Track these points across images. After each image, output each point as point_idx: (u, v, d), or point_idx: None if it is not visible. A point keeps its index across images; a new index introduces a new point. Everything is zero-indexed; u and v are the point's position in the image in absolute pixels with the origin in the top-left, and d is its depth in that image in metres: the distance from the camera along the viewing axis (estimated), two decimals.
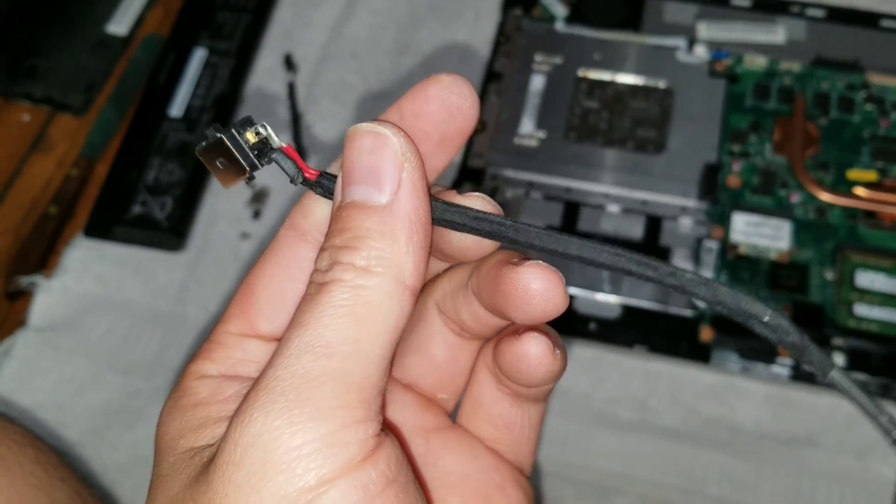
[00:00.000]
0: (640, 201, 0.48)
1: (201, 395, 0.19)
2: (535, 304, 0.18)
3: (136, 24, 0.57)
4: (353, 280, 0.17)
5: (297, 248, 0.20)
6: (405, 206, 0.17)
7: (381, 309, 0.17)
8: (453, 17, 0.56)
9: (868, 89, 0.49)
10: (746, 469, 0.42)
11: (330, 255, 0.17)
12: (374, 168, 0.18)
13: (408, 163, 0.18)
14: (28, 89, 0.55)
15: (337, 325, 0.17)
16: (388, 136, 0.18)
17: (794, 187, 0.47)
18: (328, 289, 0.17)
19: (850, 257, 0.44)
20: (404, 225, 0.17)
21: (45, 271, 0.48)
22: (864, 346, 0.43)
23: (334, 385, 0.16)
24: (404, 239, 0.17)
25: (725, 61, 0.51)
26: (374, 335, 0.17)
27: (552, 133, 0.50)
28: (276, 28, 0.57)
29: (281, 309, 0.20)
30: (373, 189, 0.18)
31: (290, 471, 0.15)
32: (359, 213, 0.17)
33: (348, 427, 0.16)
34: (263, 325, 0.20)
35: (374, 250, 0.17)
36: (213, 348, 0.20)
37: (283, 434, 0.16)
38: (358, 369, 0.17)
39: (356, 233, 0.17)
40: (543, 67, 0.52)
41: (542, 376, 0.20)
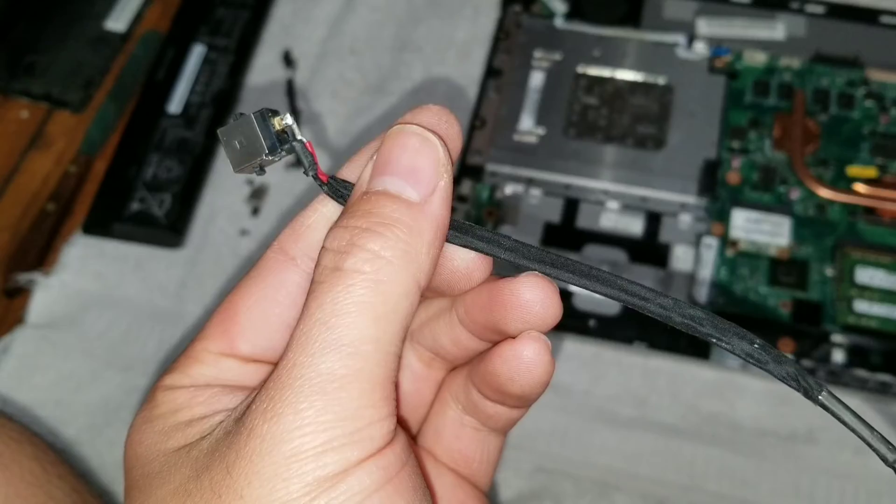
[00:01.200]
0: (639, 198, 0.48)
1: (178, 401, 0.19)
2: (535, 311, 0.19)
3: (134, 20, 0.57)
4: (374, 274, 0.17)
5: (284, 272, 0.20)
6: (436, 210, 0.18)
7: (398, 308, 0.17)
8: (452, 14, 0.56)
9: (868, 85, 0.49)
10: (746, 465, 0.42)
11: (350, 235, 0.17)
12: (415, 167, 0.18)
13: (446, 172, 0.19)
14: (26, 86, 0.55)
15: (359, 325, 0.17)
16: (436, 143, 0.18)
17: (793, 184, 0.47)
18: (346, 280, 0.17)
19: (850, 254, 0.44)
20: (432, 225, 0.18)
21: (44, 268, 0.48)
22: (864, 343, 0.43)
23: (360, 385, 0.17)
24: (429, 238, 0.18)
25: (725, 58, 0.51)
26: (393, 334, 0.17)
27: (552, 129, 0.50)
28: (275, 24, 0.56)
29: (263, 332, 0.20)
30: (409, 185, 0.18)
31: (319, 461, 0.16)
32: (390, 202, 0.18)
33: (373, 424, 0.17)
34: (243, 346, 0.20)
35: (400, 241, 0.17)
36: (188, 363, 0.20)
37: (313, 433, 0.16)
38: (380, 368, 0.17)
39: (384, 219, 0.18)
40: (543, 64, 0.52)
41: (538, 377, 0.20)
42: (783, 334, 0.43)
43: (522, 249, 0.20)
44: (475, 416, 0.22)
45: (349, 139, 0.52)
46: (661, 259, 0.46)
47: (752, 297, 0.44)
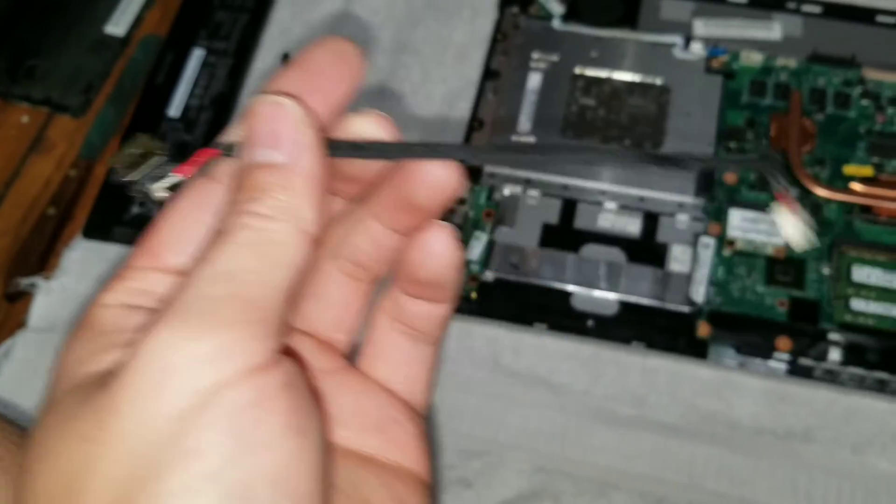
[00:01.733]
0: (637, 198, 0.48)
1: (104, 324, 0.19)
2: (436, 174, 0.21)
3: (134, 24, 0.57)
4: (257, 224, 0.18)
5: (204, 189, 0.21)
6: (304, 164, 0.19)
7: (282, 248, 0.18)
8: (450, 16, 0.56)
9: (864, 85, 0.50)
10: (744, 464, 0.42)
11: (234, 207, 0.19)
12: (274, 132, 0.19)
13: (305, 125, 0.19)
14: (27, 91, 0.55)
15: (240, 257, 0.18)
16: (288, 104, 0.19)
17: (790, 183, 0.47)
18: (232, 231, 0.18)
19: (847, 252, 0.45)
20: (303, 180, 0.19)
21: (45, 272, 0.49)
22: (861, 341, 0.43)
23: (235, 303, 0.17)
24: (303, 191, 0.19)
25: (722, 58, 0.51)
26: (276, 267, 0.18)
27: (549, 130, 0.50)
28: (274, 28, 0.57)
29: (187, 243, 0.20)
30: (274, 150, 0.19)
31: (190, 373, 0.16)
32: (261, 171, 0.19)
33: (247, 340, 0.17)
34: (169, 258, 0.20)
35: (276, 201, 0.19)
36: (114, 282, 0.20)
37: (184, 343, 0.17)
38: (259, 293, 0.18)
39: (259, 187, 0.19)
40: (540, 65, 0.52)
41: (445, 259, 0.22)
42: (780, 333, 0.43)
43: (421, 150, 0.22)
44: (404, 320, 0.23)
45: None
46: (659, 259, 0.46)
47: (750, 296, 0.44)
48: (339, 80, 0.21)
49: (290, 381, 0.18)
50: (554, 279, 0.46)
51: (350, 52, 0.21)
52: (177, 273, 0.20)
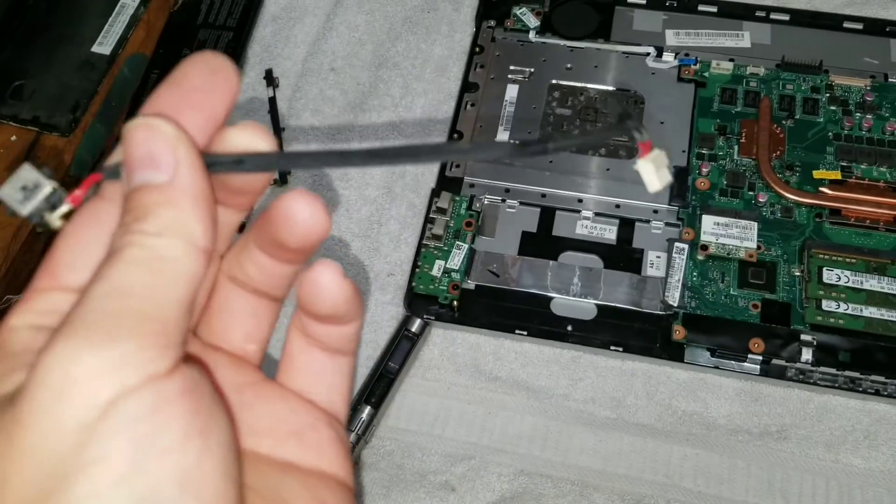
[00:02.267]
0: (613, 205, 0.49)
1: (13, 346, 0.20)
2: (301, 219, 0.21)
3: (119, 43, 0.58)
4: (146, 241, 0.19)
5: (97, 208, 0.21)
6: (185, 180, 0.19)
7: (174, 262, 0.19)
8: (429, 31, 0.57)
9: (832, 90, 0.51)
10: (720, 463, 0.43)
11: (123, 229, 0.19)
12: (150, 154, 0.19)
13: (181, 143, 0.19)
14: (14, 111, 0.56)
15: (132, 273, 0.18)
16: (159, 124, 0.20)
17: (761, 188, 0.48)
18: (123, 248, 0.19)
19: (817, 254, 0.46)
20: (186, 194, 0.19)
21: None
22: (832, 341, 0.44)
23: (131, 316, 0.18)
24: (188, 206, 0.19)
25: (693, 67, 0.52)
26: (169, 281, 0.18)
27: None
28: (257, 45, 0.58)
29: (85, 262, 0.21)
30: (153, 171, 0.19)
31: (90, 384, 0.17)
32: (144, 193, 0.19)
33: (145, 349, 0.17)
34: (68, 277, 0.21)
35: (162, 218, 0.19)
36: (21, 305, 0.21)
37: (83, 355, 0.17)
38: (154, 305, 0.18)
39: (144, 208, 0.19)
40: (517, 77, 0.53)
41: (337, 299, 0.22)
42: (754, 335, 0.44)
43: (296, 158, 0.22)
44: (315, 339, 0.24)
45: None
46: (635, 264, 0.47)
47: (723, 299, 0.45)
48: (214, 94, 0.21)
49: (190, 386, 0.18)
50: (533, 286, 0.47)
51: (223, 65, 0.21)
52: (78, 291, 0.20)
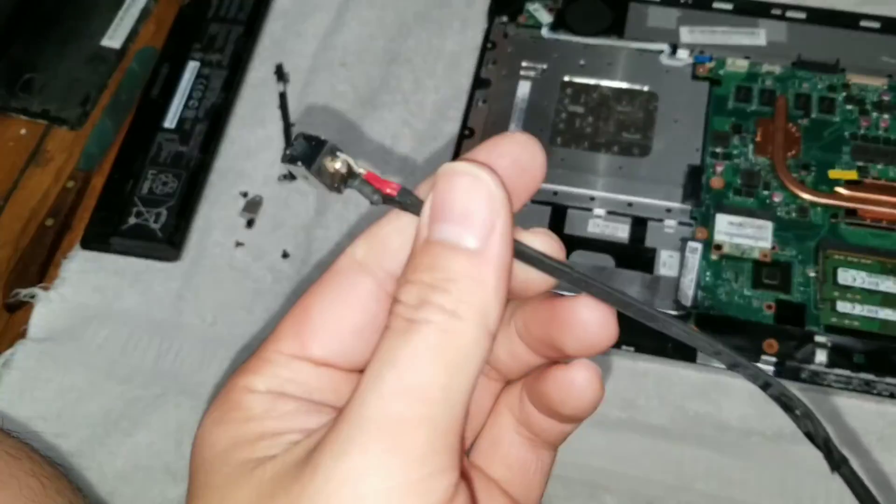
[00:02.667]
0: (625, 204, 0.48)
1: (254, 410, 0.19)
2: (592, 331, 0.20)
3: (129, 37, 0.58)
4: (444, 323, 0.17)
5: (356, 277, 0.20)
6: (496, 254, 0.18)
7: (469, 355, 0.18)
8: (441, 26, 0.57)
9: (848, 90, 0.50)
10: (733, 465, 0.43)
11: (418, 291, 0.18)
12: (468, 211, 0.18)
13: (502, 210, 0.18)
14: (24, 104, 0.56)
15: (429, 371, 0.17)
16: (488, 181, 0.18)
17: (776, 188, 0.48)
18: (419, 328, 0.17)
19: (832, 255, 0.45)
20: (494, 272, 0.18)
21: (44, 283, 0.49)
22: (847, 343, 0.43)
23: (426, 432, 0.17)
24: (493, 286, 0.18)
25: (708, 64, 0.52)
26: (462, 382, 0.17)
27: (539, 138, 0.50)
28: (267, 39, 0.58)
29: (335, 336, 0.20)
30: (465, 232, 0.18)
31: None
32: (449, 254, 0.18)
33: (435, 475, 0.17)
34: (316, 349, 0.20)
35: (465, 294, 0.18)
36: (261, 365, 0.20)
37: (378, 475, 0.16)
38: (447, 416, 0.17)
39: (446, 274, 0.18)
40: (529, 73, 0.53)
41: (588, 402, 0.21)
42: (767, 336, 0.44)
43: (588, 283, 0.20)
44: (528, 428, 0.23)
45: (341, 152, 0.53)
46: (648, 264, 0.47)
47: (737, 299, 0.45)
48: (525, 177, 0.20)
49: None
50: None
51: (535, 149, 0.20)
52: (321, 364, 0.20)
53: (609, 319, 0.20)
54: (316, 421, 0.19)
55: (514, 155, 0.20)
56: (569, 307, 0.20)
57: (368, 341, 0.20)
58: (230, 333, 0.47)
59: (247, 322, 0.48)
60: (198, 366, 0.47)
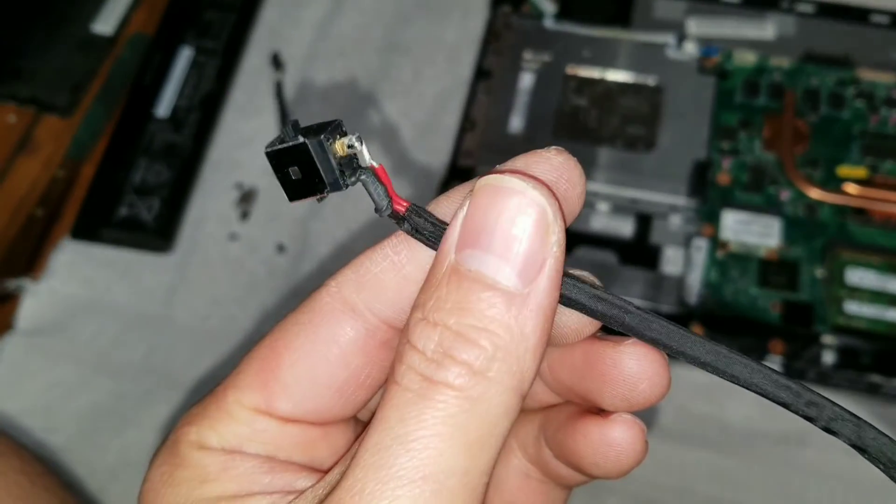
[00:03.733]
0: (630, 199, 0.47)
1: (209, 469, 0.17)
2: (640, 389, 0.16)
3: (121, 23, 0.57)
4: (469, 390, 0.14)
5: (339, 323, 0.17)
6: (542, 300, 0.14)
7: (495, 431, 0.14)
8: (441, 15, 0.56)
9: (858, 85, 0.49)
10: (737, 467, 0.42)
11: (440, 339, 0.14)
12: (513, 238, 0.14)
13: (556, 244, 0.15)
14: (13, 90, 0.54)
15: (447, 452, 0.14)
16: (544, 204, 0.15)
17: (783, 184, 0.47)
18: (438, 394, 0.14)
19: (840, 254, 0.44)
20: (537, 324, 0.14)
21: (32, 274, 0.48)
22: (854, 344, 0.43)
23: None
24: (534, 342, 0.14)
25: (715, 58, 0.51)
26: (485, 463, 0.14)
27: (541, 131, 0.50)
28: (263, 27, 0.56)
29: (308, 392, 0.17)
30: (507, 267, 0.14)
31: None
32: (485, 294, 0.14)
33: None
34: (284, 405, 0.17)
35: (499, 351, 0.14)
36: (218, 417, 0.17)
37: None
38: (468, 490, 0.15)
39: (477, 320, 0.14)
40: (532, 65, 0.52)
41: (627, 466, 0.18)
42: (773, 336, 0.43)
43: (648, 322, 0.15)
44: (543, 472, 0.20)
45: None
46: (652, 261, 0.46)
47: (743, 298, 0.44)
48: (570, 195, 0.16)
49: None
50: None
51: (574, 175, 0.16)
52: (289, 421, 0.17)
53: (660, 372, 0.17)
54: (284, 482, 0.17)
55: (550, 179, 0.16)
56: (611, 358, 0.17)
57: (350, 398, 0.17)
58: (223, 329, 0.46)
59: (240, 317, 0.47)
60: (189, 361, 0.45)
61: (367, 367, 0.17)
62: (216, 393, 0.18)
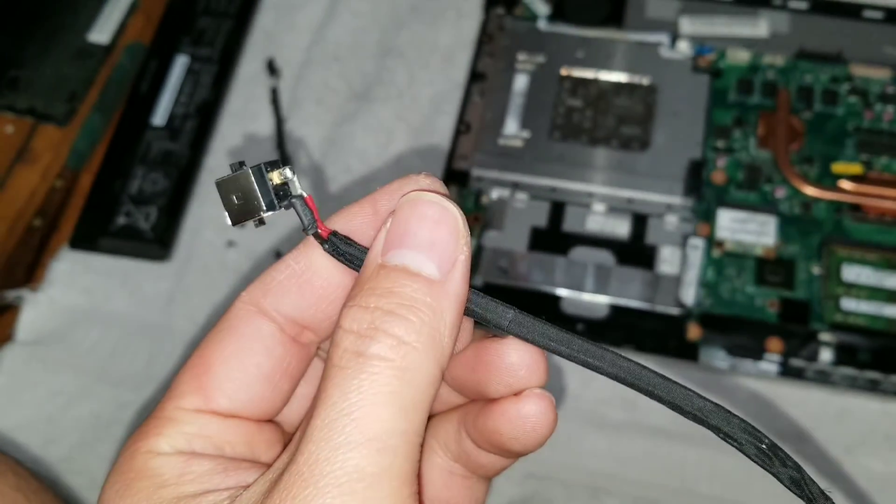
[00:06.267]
0: (625, 199, 0.47)
1: (165, 474, 0.18)
2: (520, 376, 0.19)
3: (117, 32, 0.57)
4: (400, 360, 0.16)
5: (256, 322, 0.20)
6: (457, 287, 0.17)
7: (424, 396, 0.17)
8: (435, 18, 0.56)
9: (851, 81, 0.49)
10: (736, 467, 0.42)
11: (371, 317, 0.17)
12: (434, 240, 0.17)
13: (466, 247, 0.18)
14: (10, 100, 0.54)
15: (386, 416, 0.16)
16: (456, 213, 0.18)
17: (778, 182, 0.47)
18: (372, 367, 0.16)
19: (836, 251, 0.44)
20: (453, 305, 0.17)
21: (32, 284, 0.48)
22: (852, 341, 0.43)
23: (389, 484, 0.16)
24: (451, 319, 0.17)
25: (709, 56, 0.51)
26: (418, 424, 0.17)
27: (537, 133, 0.50)
28: (258, 33, 0.56)
29: (241, 385, 0.19)
30: (428, 261, 0.17)
31: None
32: (410, 281, 0.17)
33: None
34: (222, 401, 0.19)
35: (425, 325, 0.17)
36: (162, 424, 0.19)
37: None
38: (408, 463, 0.16)
39: (405, 300, 0.17)
40: (527, 66, 0.52)
41: (542, 435, 0.20)
42: (771, 334, 0.43)
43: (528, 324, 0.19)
44: (466, 465, 0.22)
45: (334, 147, 0.52)
46: (648, 260, 0.46)
47: (740, 297, 0.44)
48: None
49: None
50: (543, 283, 0.45)
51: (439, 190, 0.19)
52: (228, 416, 0.19)
53: (538, 362, 0.19)
54: (237, 478, 0.18)
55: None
56: (495, 350, 0.19)
57: (277, 388, 0.19)
58: None
59: None
60: None
61: (286, 356, 0.20)
62: (157, 409, 0.20)
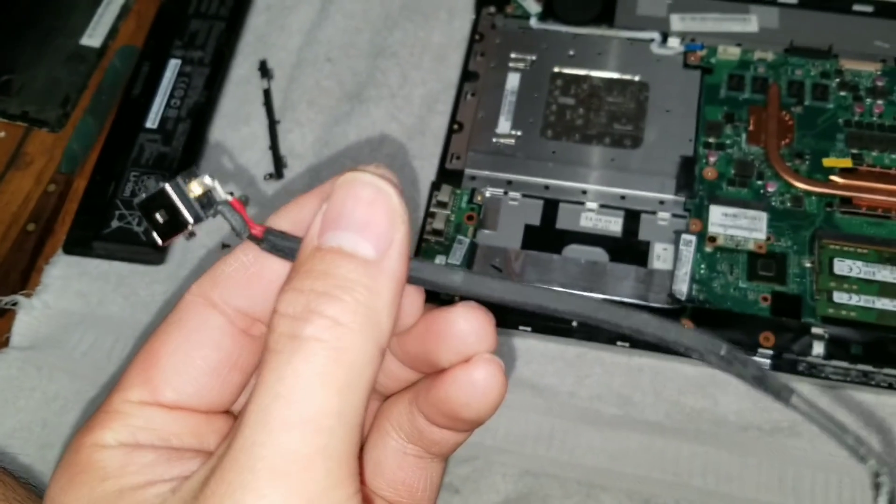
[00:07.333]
0: (618, 196, 0.48)
1: (108, 467, 0.18)
2: (469, 342, 0.19)
3: (109, 35, 0.57)
4: (335, 342, 0.16)
5: (204, 314, 0.19)
6: (393, 266, 0.17)
7: (361, 376, 0.17)
8: (427, 18, 0.56)
9: (842, 75, 0.49)
10: (731, 460, 0.42)
11: (306, 299, 0.17)
12: (369, 221, 0.17)
13: (402, 226, 0.18)
14: (3, 106, 0.54)
15: (321, 397, 0.16)
16: (391, 192, 0.18)
17: (770, 177, 0.47)
18: (306, 348, 0.16)
19: (828, 245, 0.45)
20: (390, 284, 0.17)
21: (26, 290, 0.48)
22: (844, 334, 0.43)
23: (325, 464, 0.16)
24: (388, 298, 0.17)
25: (699, 52, 0.51)
26: (356, 405, 0.16)
27: (529, 131, 0.50)
28: (250, 35, 0.56)
29: (188, 378, 0.19)
30: (364, 241, 0.17)
31: None
32: (345, 262, 0.17)
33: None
34: (168, 393, 0.19)
35: (360, 306, 0.17)
36: (108, 418, 0.19)
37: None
38: (345, 443, 0.16)
39: (340, 281, 0.17)
40: (519, 65, 0.52)
41: (494, 400, 0.20)
42: (764, 328, 0.43)
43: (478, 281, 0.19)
44: (419, 444, 0.22)
45: (328, 148, 0.52)
46: (641, 257, 0.46)
47: (732, 292, 0.44)
48: None
49: None
50: (537, 281, 0.46)
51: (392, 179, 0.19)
52: (175, 409, 0.19)
53: (486, 328, 0.19)
54: (181, 468, 0.18)
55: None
56: (443, 318, 0.19)
57: (226, 380, 0.19)
58: None
59: None
60: None
61: (235, 349, 0.20)
62: (105, 402, 0.20)
